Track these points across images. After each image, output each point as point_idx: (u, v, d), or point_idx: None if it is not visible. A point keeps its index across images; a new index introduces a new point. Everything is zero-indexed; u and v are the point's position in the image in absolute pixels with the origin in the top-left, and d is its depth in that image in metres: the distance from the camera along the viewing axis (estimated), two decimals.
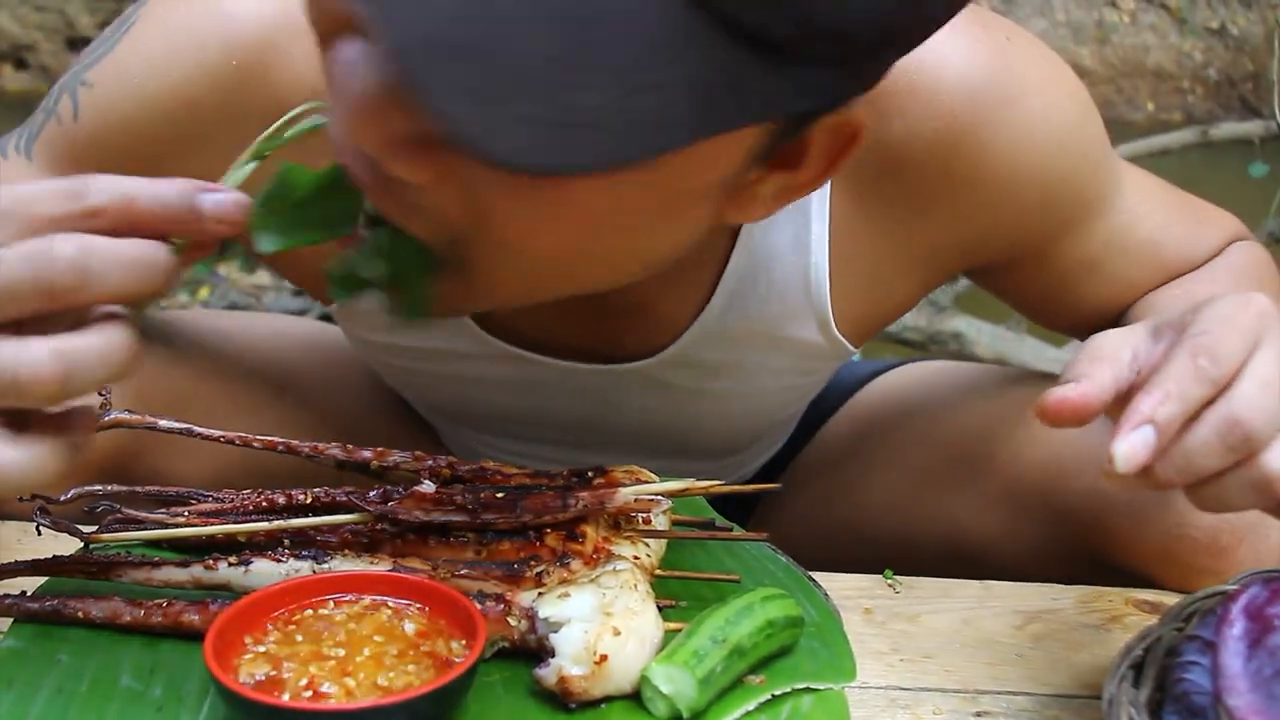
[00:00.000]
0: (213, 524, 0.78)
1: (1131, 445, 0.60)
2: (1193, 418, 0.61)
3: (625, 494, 0.75)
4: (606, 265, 0.66)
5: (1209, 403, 0.61)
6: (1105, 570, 0.88)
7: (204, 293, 2.89)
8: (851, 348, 0.94)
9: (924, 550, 0.98)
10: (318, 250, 0.84)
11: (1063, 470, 0.91)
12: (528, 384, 0.96)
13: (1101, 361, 0.64)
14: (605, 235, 0.62)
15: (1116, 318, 0.97)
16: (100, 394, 0.79)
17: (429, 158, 0.56)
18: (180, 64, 0.84)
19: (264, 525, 0.77)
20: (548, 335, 0.92)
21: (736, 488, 0.81)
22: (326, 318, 1.80)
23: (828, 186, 0.85)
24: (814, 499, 1.08)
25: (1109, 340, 0.65)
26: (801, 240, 0.87)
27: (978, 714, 0.72)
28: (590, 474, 0.79)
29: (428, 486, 0.76)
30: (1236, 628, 0.63)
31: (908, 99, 0.82)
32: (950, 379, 1.09)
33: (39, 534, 0.78)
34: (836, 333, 0.91)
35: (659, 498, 0.75)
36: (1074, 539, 0.90)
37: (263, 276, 3.07)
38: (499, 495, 0.75)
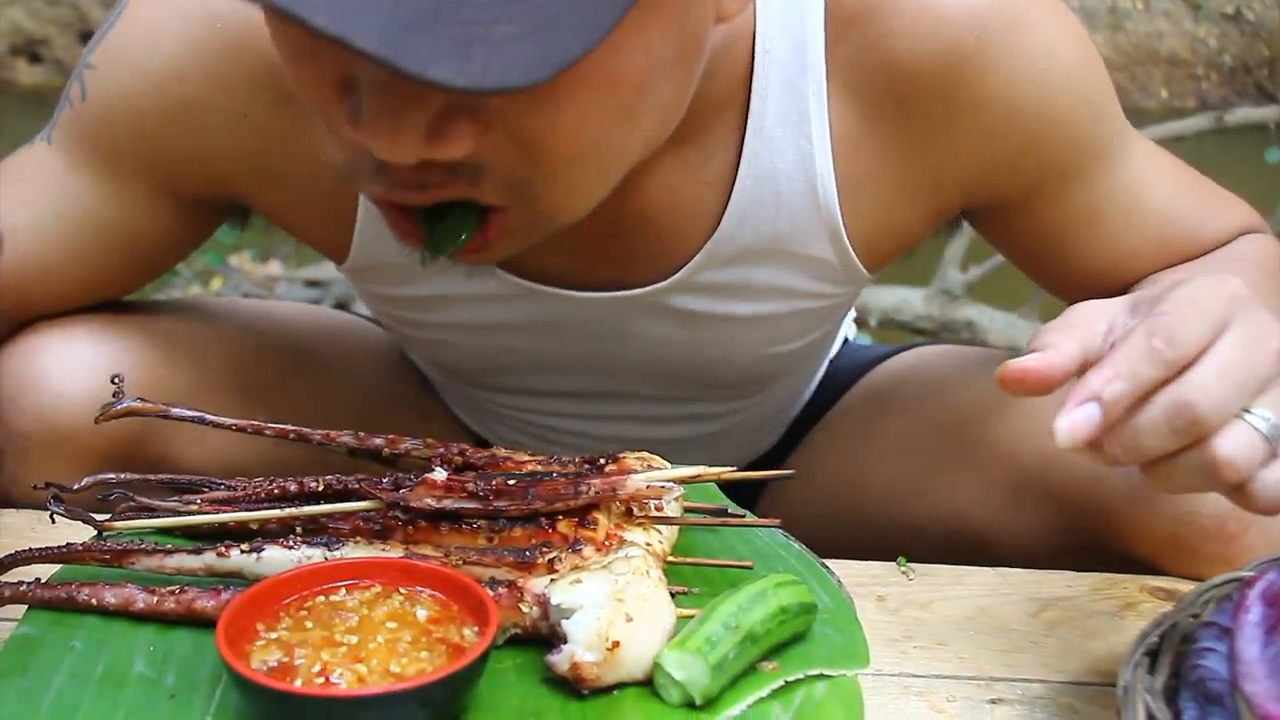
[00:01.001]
0: (225, 512, 0.78)
1: (1073, 421, 0.61)
2: (1145, 398, 0.61)
3: (637, 480, 0.74)
4: (657, 116, 0.71)
5: (1165, 383, 0.61)
6: (1112, 559, 0.87)
7: (216, 284, 2.89)
8: (864, 271, 0.94)
9: (929, 535, 0.98)
10: (323, 213, 0.85)
11: (1064, 457, 0.90)
12: (543, 323, 0.95)
13: (1073, 330, 0.64)
14: (647, 88, 0.66)
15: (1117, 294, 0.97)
16: (113, 382, 0.79)
17: (459, 130, 0.61)
18: (168, 37, 0.86)
19: (276, 513, 0.77)
20: (562, 268, 0.92)
21: (749, 474, 0.80)
22: (341, 306, 1.82)
23: (825, 105, 0.86)
24: (821, 483, 1.08)
25: (1085, 310, 0.65)
26: (806, 157, 0.87)
27: (992, 701, 0.71)
28: (603, 461, 0.79)
29: (439, 474, 0.76)
30: (1253, 614, 0.62)
31: (914, 19, 0.83)
32: (956, 363, 1.09)
33: (53, 522, 0.78)
34: (848, 246, 0.91)
35: (671, 484, 0.75)
36: (1079, 527, 0.89)
37: (275, 267, 3.07)
38: (510, 482, 0.75)
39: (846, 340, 1.25)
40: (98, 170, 0.91)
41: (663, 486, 0.74)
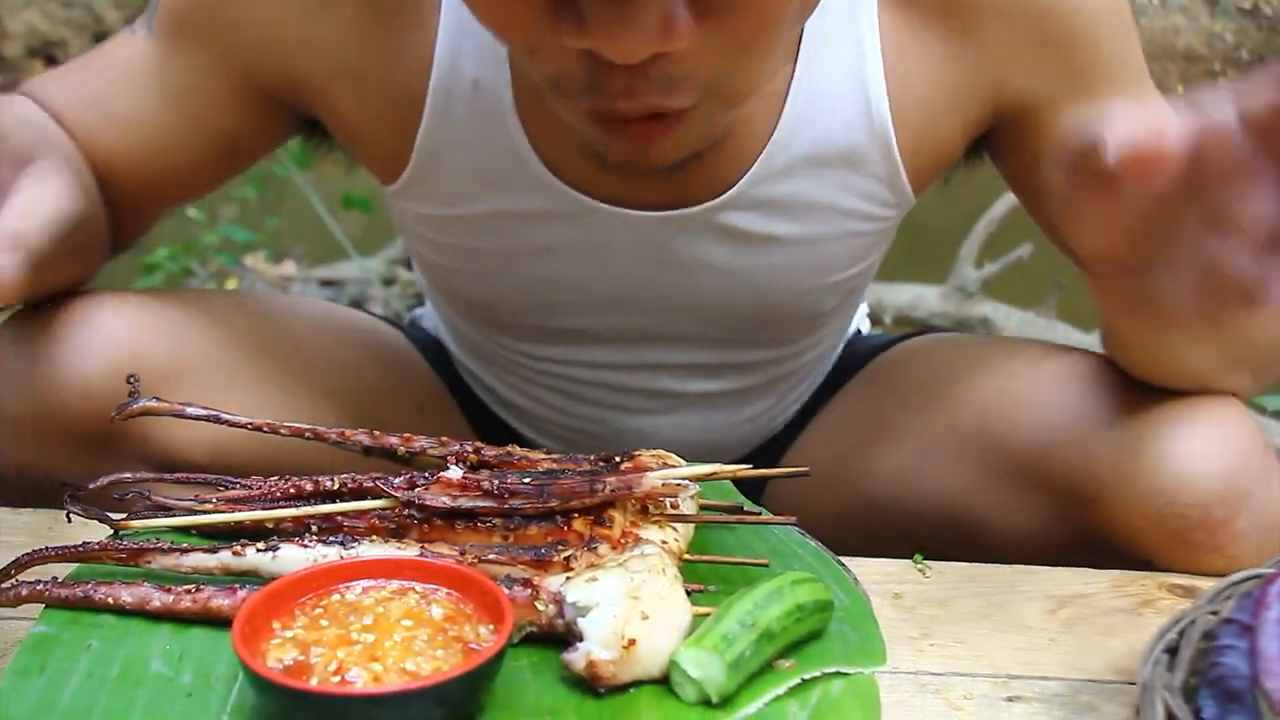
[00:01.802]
0: (240, 510, 0.78)
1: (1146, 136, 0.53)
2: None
3: (652, 479, 0.74)
4: None
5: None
6: (1108, 554, 0.87)
7: (231, 284, 2.90)
8: (909, 191, 0.95)
9: (930, 519, 0.98)
10: (388, 118, 0.91)
11: (1054, 446, 0.90)
12: (594, 246, 0.95)
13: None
14: None
15: None
16: (129, 381, 0.80)
17: (683, 20, 0.66)
18: None
19: (291, 512, 0.77)
20: (620, 186, 0.92)
21: (764, 472, 0.80)
22: (356, 304, 1.82)
23: (875, 12, 0.89)
24: (826, 465, 1.07)
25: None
26: (859, 65, 0.89)
27: (1009, 699, 0.71)
28: (618, 459, 0.79)
29: (454, 472, 0.76)
30: (1274, 610, 0.62)
31: None
32: (961, 350, 1.08)
33: (69, 521, 0.78)
34: (898, 158, 0.92)
35: (686, 482, 0.75)
36: (1074, 516, 0.89)
37: (289, 267, 3.08)
38: (526, 481, 0.75)
39: (859, 332, 1.24)
40: (192, 63, 0.93)
41: (678, 484, 0.74)
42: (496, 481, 0.75)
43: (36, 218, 0.71)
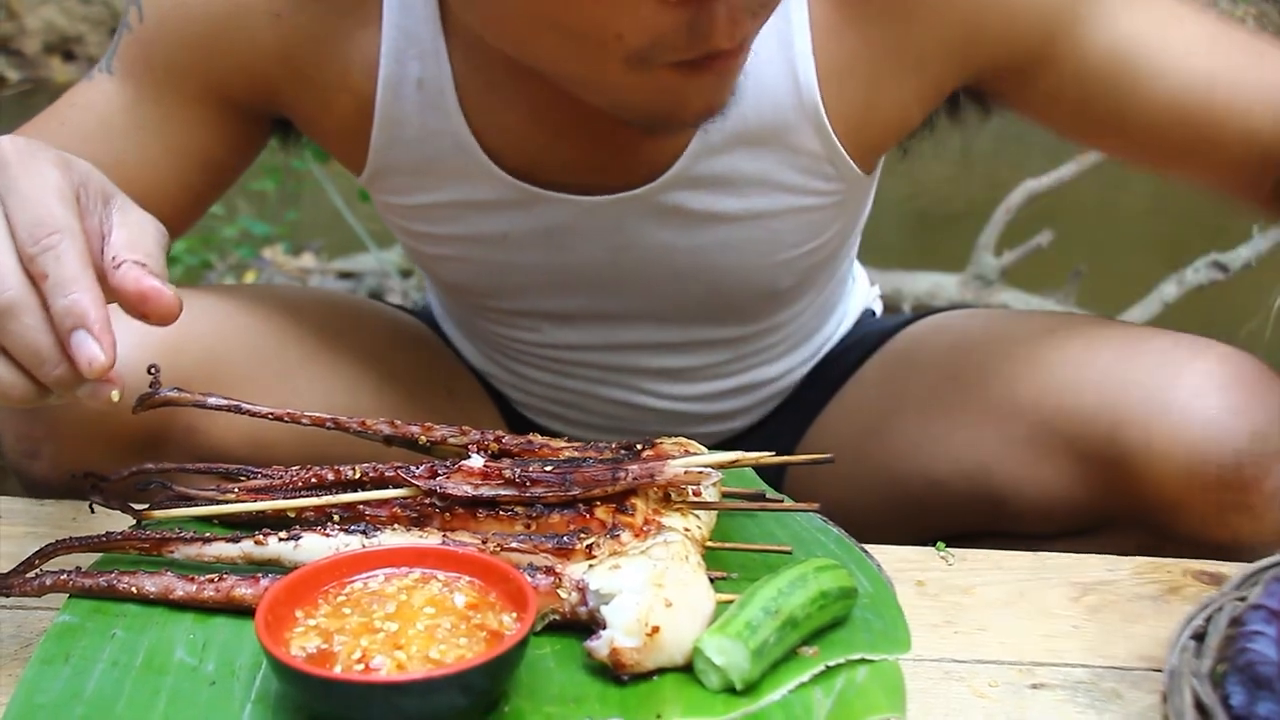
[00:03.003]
0: (262, 500, 0.78)
1: None
2: None
3: (675, 466, 0.74)
4: None
5: None
6: (1133, 525, 0.86)
7: (250, 277, 2.91)
8: (854, 166, 0.95)
9: (949, 488, 0.98)
10: (344, 116, 0.93)
11: (1082, 410, 0.90)
12: (549, 232, 0.97)
13: None
14: None
15: (1211, 156, 0.92)
16: (150, 372, 0.80)
17: None
18: None
19: (313, 501, 0.77)
20: (564, 172, 0.94)
21: (788, 459, 0.80)
22: (375, 296, 1.83)
23: None
24: (848, 447, 1.07)
25: None
26: (785, 42, 0.89)
27: (1034, 686, 0.71)
28: (639, 446, 0.79)
29: (475, 461, 0.76)
30: None
31: None
32: (981, 321, 1.08)
33: (92, 511, 0.78)
34: (832, 134, 0.92)
35: (708, 470, 0.75)
36: (1099, 481, 0.89)
37: (308, 259, 3.08)
38: (548, 469, 0.74)
39: (873, 314, 1.24)
40: (162, 92, 0.94)
41: (700, 472, 0.74)
42: (518, 470, 0.74)
43: (148, 246, 0.71)
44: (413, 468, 0.77)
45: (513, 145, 0.93)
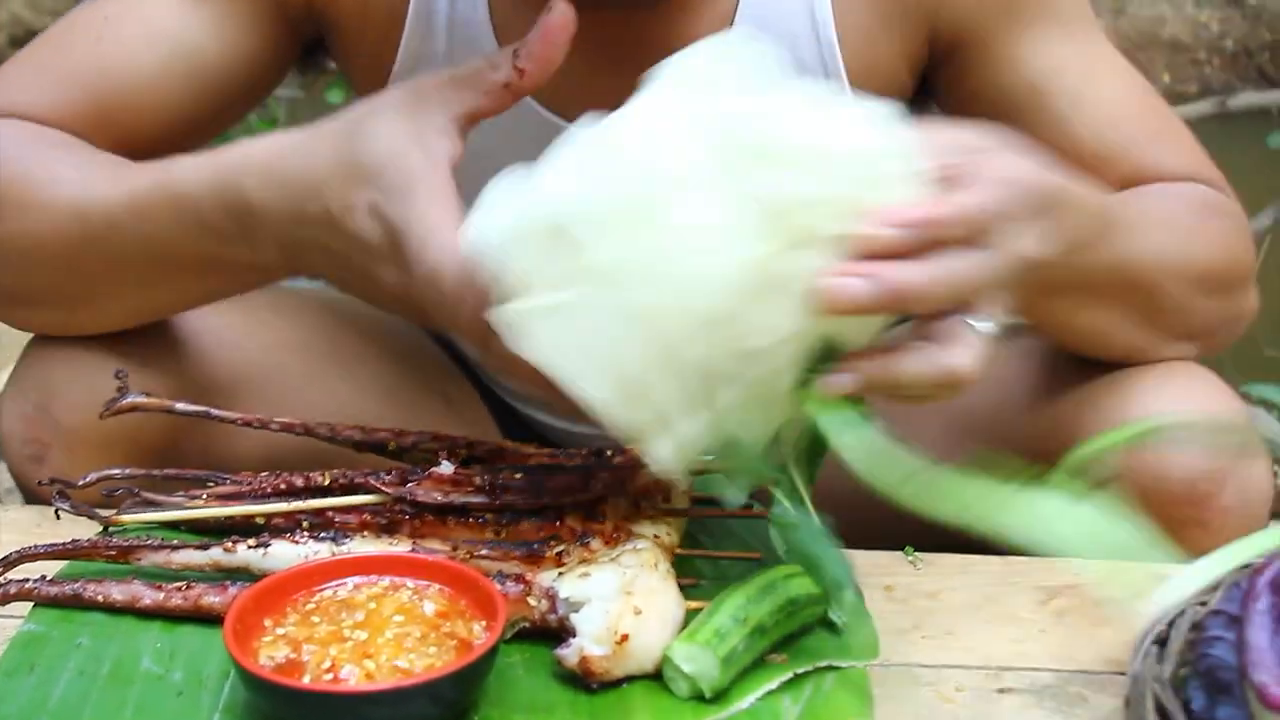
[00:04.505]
0: (231, 505, 0.78)
1: (844, 286, 0.61)
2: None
3: (646, 473, 0.74)
4: None
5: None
6: None
7: None
8: None
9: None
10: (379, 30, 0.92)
11: (1040, 428, 0.91)
12: None
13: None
14: None
15: None
16: (117, 377, 0.79)
17: None
18: None
19: (282, 506, 0.77)
20: (592, 100, 0.92)
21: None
22: None
23: None
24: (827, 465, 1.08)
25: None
26: None
27: (1001, 690, 0.71)
28: (609, 452, 0.79)
29: (446, 468, 0.76)
30: (1262, 602, 0.62)
31: None
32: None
33: (58, 518, 0.78)
34: (845, 80, 0.93)
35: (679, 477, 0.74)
36: None
37: None
38: (518, 476, 0.74)
39: None
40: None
41: (671, 479, 0.74)
42: (489, 477, 0.74)
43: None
44: (383, 474, 0.77)
45: None
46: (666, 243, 0.60)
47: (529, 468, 0.77)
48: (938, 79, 0.97)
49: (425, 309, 0.68)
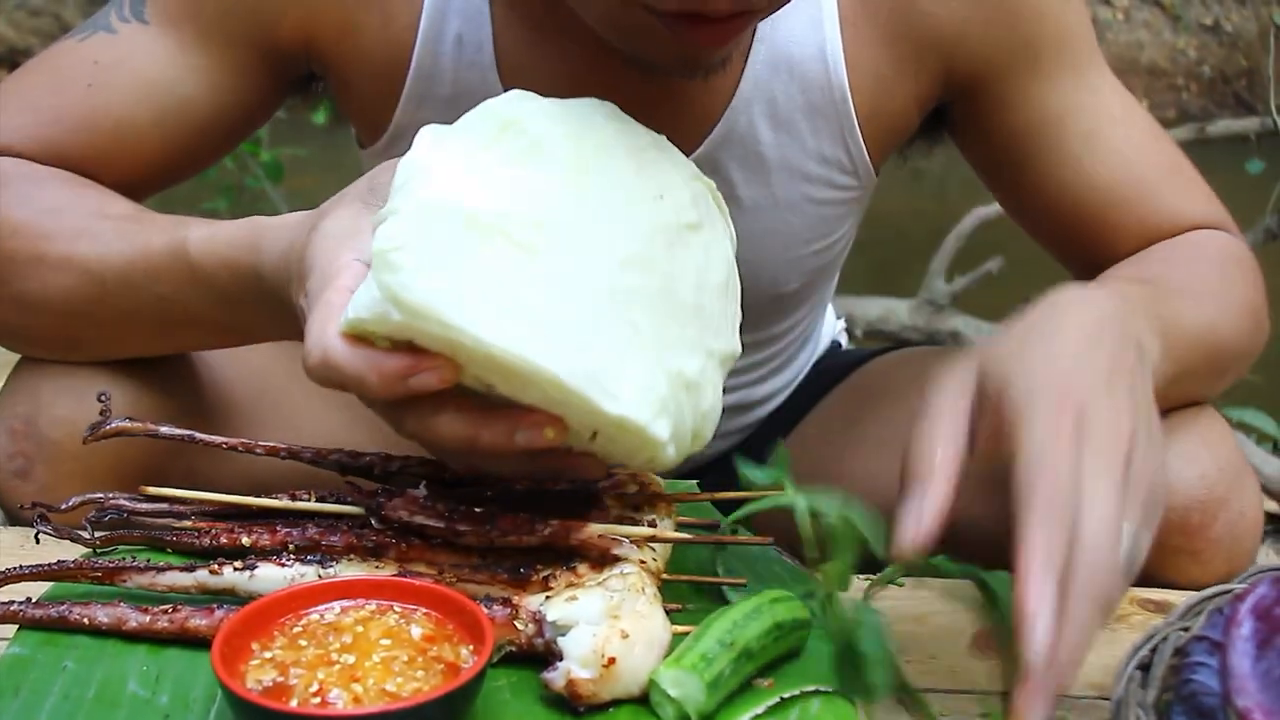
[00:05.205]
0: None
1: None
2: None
3: (592, 529, 0.73)
4: None
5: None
6: None
7: None
8: (868, 159, 0.97)
9: None
10: (379, 69, 0.94)
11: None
12: None
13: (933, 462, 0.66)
14: None
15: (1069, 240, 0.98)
16: (100, 399, 0.79)
17: None
18: None
19: (268, 503, 0.78)
20: None
21: (731, 493, 0.80)
22: None
23: None
24: (807, 475, 1.08)
25: (934, 423, 0.68)
26: (816, 25, 0.92)
27: (983, 715, 0.71)
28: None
29: (420, 490, 0.76)
30: (1245, 628, 0.63)
31: None
32: (940, 360, 1.09)
33: (37, 542, 0.77)
34: (856, 127, 0.95)
35: (621, 539, 0.73)
36: None
37: None
38: (478, 510, 0.74)
39: (839, 345, 1.25)
40: (210, 37, 0.91)
41: (614, 539, 0.74)
42: (450, 505, 0.75)
43: None
44: (364, 488, 0.77)
45: None
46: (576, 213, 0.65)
47: (511, 494, 0.77)
48: (951, 115, 0.99)
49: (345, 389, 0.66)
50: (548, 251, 0.63)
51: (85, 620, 0.71)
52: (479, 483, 0.80)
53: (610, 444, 0.65)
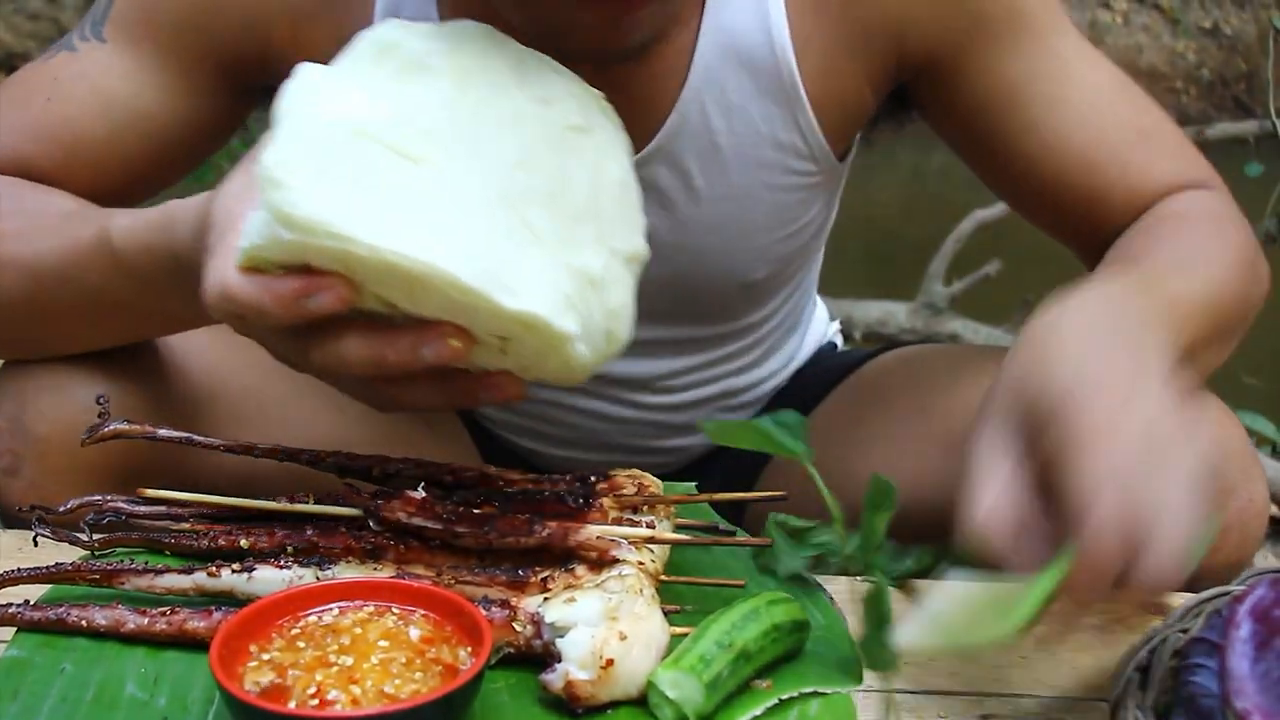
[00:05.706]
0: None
1: None
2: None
3: (590, 531, 0.74)
4: None
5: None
6: None
7: None
8: (826, 146, 0.96)
9: (912, 518, 0.98)
10: None
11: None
12: None
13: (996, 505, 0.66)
14: None
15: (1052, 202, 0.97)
16: (98, 403, 0.79)
17: None
18: None
19: (266, 505, 0.78)
20: None
21: (736, 495, 0.80)
22: None
23: None
24: (803, 482, 1.08)
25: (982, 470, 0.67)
26: (762, 14, 0.91)
27: (983, 717, 0.71)
28: (594, 479, 0.79)
29: (419, 493, 0.76)
30: (1243, 630, 0.63)
31: None
32: (942, 357, 1.09)
33: (35, 544, 0.77)
34: (808, 108, 0.94)
35: (619, 540, 0.74)
36: (1052, 518, 0.90)
37: None
38: (476, 512, 0.74)
39: (835, 346, 1.25)
40: (165, 56, 0.92)
41: (612, 540, 0.74)
42: (448, 507, 0.75)
43: None
44: (362, 490, 0.77)
45: None
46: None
47: (509, 493, 0.77)
48: (913, 95, 0.98)
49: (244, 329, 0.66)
50: (437, 159, 0.63)
51: (83, 622, 0.71)
52: (478, 484, 0.80)
53: (521, 352, 0.63)
